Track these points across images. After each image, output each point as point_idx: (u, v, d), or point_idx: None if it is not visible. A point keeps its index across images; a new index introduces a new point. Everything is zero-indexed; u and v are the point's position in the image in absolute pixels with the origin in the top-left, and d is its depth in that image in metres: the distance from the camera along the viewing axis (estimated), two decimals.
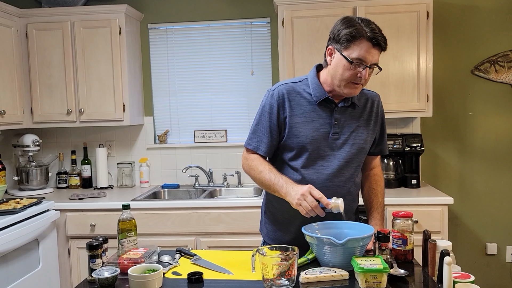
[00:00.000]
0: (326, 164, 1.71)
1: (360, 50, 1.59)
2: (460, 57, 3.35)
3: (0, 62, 2.98)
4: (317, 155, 1.71)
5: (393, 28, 3.00)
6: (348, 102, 1.73)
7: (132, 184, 3.57)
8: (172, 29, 3.57)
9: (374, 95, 1.85)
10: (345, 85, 1.65)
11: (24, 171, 3.34)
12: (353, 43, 1.60)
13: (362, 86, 1.68)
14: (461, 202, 3.40)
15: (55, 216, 2.86)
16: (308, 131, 1.70)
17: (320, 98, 1.71)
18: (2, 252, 2.39)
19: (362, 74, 1.62)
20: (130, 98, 3.27)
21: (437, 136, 3.42)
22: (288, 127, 1.72)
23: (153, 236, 2.88)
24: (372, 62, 1.62)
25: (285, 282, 1.36)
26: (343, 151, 1.72)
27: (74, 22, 3.20)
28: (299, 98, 1.73)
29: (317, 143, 1.71)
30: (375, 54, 1.61)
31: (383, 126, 1.87)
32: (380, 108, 1.85)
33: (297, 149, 1.72)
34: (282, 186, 1.63)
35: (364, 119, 1.78)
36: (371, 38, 1.58)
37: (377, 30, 1.61)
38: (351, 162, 1.74)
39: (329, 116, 1.72)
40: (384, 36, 1.63)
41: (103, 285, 1.41)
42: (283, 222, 1.80)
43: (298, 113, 1.72)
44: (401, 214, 1.61)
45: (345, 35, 1.61)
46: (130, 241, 1.67)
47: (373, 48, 1.60)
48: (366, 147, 1.79)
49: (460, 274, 1.40)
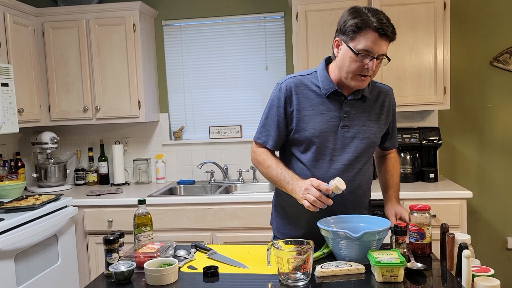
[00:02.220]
0: (336, 158, 1.69)
1: (367, 41, 1.55)
2: (478, 48, 3.29)
3: (18, 61, 3.02)
4: (326, 149, 1.69)
5: (409, 20, 2.95)
6: (358, 95, 1.70)
7: (149, 180, 3.59)
8: (186, 25, 3.58)
9: (387, 88, 1.82)
10: (352, 77, 1.62)
11: (43, 168, 3.40)
12: (359, 34, 1.56)
13: (370, 78, 1.64)
14: (480, 196, 3.34)
15: (73, 212, 2.89)
16: (317, 124, 1.68)
17: (329, 90, 1.68)
18: (22, 247, 2.44)
19: (369, 65, 1.58)
20: (145, 95, 3.29)
21: (455, 129, 3.36)
22: (296, 121, 1.70)
23: (170, 232, 2.90)
24: (379, 53, 1.58)
25: (300, 276, 1.35)
26: (353, 145, 1.70)
27: (89, 20, 3.23)
28: (307, 91, 1.71)
29: (326, 136, 1.68)
30: (382, 45, 1.57)
31: (394, 120, 1.85)
32: (392, 102, 1.82)
33: (306, 143, 1.70)
34: (288, 182, 1.62)
35: (376, 112, 1.75)
36: (377, 28, 1.53)
37: (385, 19, 1.56)
38: (361, 156, 1.72)
39: (339, 109, 1.69)
40: (393, 25, 1.58)
41: (120, 279, 1.42)
42: (293, 216, 1.79)
43: (306, 106, 1.70)
44: (418, 208, 1.59)
45: (350, 26, 1.57)
46: (146, 235, 1.68)
47: (380, 38, 1.55)
48: (376, 141, 1.77)
49: (479, 268, 1.37)
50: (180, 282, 1.42)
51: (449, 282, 1.36)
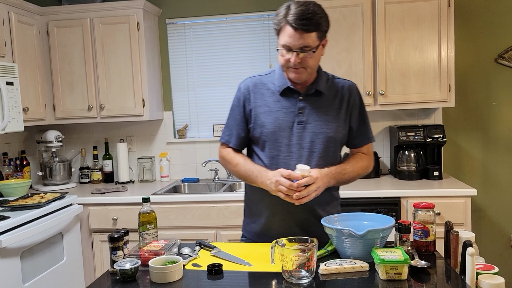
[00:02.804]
0: (292, 154, 1.71)
1: (284, 36, 1.62)
2: (483, 46, 3.27)
3: (23, 60, 3.04)
4: (281, 145, 1.71)
5: (414, 17, 2.94)
6: (312, 89, 1.73)
7: (153, 178, 3.60)
8: (189, 23, 3.58)
9: (348, 83, 1.81)
10: (286, 70, 1.69)
11: (48, 166, 3.41)
12: (280, 30, 1.64)
13: (306, 70, 1.66)
14: (485, 194, 3.33)
15: (78, 210, 2.91)
16: (271, 120, 1.72)
17: (282, 87, 1.73)
18: (27, 245, 2.45)
19: (291, 59, 1.62)
20: (149, 93, 3.30)
21: (460, 127, 3.35)
22: (253, 118, 1.76)
23: (174, 230, 2.91)
24: (299, 46, 1.61)
25: (304, 274, 1.36)
26: (309, 140, 1.71)
27: (93, 19, 3.24)
28: (264, 90, 1.77)
29: (281, 132, 1.71)
30: (299, 38, 1.59)
31: (361, 116, 1.82)
32: (354, 97, 1.80)
33: (262, 139, 1.74)
34: (257, 176, 1.67)
35: (335, 108, 1.75)
36: (290, 23, 1.59)
37: (304, 12, 1.58)
38: (319, 151, 1.71)
39: (294, 106, 1.73)
40: (312, 17, 1.58)
41: (125, 276, 1.43)
42: (255, 213, 1.82)
43: (262, 103, 1.75)
44: (422, 205, 1.59)
45: (273, 25, 1.68)
46: (151, 233, 1.69)
47: (296, 32, 1.59)
48: (335, 137, 1.74)
49: (484, 266, 1.37)
50: (184, 279, 1.43)
51: (453, 280, 1.36)
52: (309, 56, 1.64)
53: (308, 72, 1.68)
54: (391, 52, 2.98)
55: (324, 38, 1.68)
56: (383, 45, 2.98)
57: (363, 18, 2.99)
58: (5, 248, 2.27)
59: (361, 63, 3.02)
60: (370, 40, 3.00)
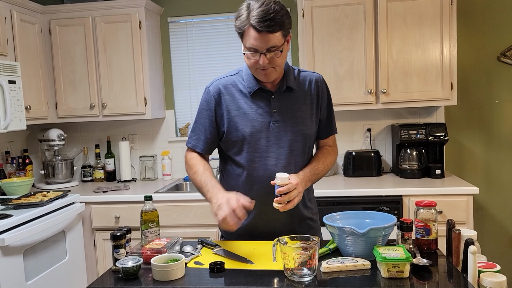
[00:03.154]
0: (271, 154, 1.69)
1: (249, 39, 1.57)
2: (485, 44, 3.27)
3: (25, 59, 3.05)
4: (260, 146, 1.69)
5: (416, 15, 2.94)
6: (283, 87, 1.71)
7: (155, 177, 3.61)
8: (191, 22, 3.58)
9: (314, 76, 1.80)
10: (255, 72, 1.66)
11: (50, 165, 3.42)
12: (243, 34, 1.59)
13: (275, 69, 1.64)
14: (487, 192, 3.33)
15: (80, 208, 2.92)
16: (247, 123, 1.69)
17: (253, 89, 1.70)
18: (30, 243, 2.46)
19: (260, 61, 1.59)
20: (151, 92, 3.30)
21: (462, 125, 3.34)
22: (227, 122, 1.71)
23: (176, 228, 2.91)
24: (266, 48, 1.57)
25: (306, 272, 1.36)
26: (287, 139, 1.70)
27: (95, 17, 3.24)
28: (235, 91, 1.73)
29: (258, 134, 1.69)
30: (265, 40, 1.55)
31: (329, 108, 1.81)
32: (321, 89, 1.78)
33: (239, 143, 1.70)
34: (208, 190, 1.63)
35: (307, 102, 1.75)
36: (254, 26, 1.54)
37: (264, 13, 1.53)
38: (298, 149, 1.71)
39: (268, 105, 1.70)
40: (275, 17, 1.53)
41: (127, 274, 1.43)
42: None
43: (236, 106, 1.71)
44: (424, 203, 1.58)
45: (236, 28, 1.61)
46: (153, 231, 1.69)
47: (260, 34, 1.55)
48: (310, 132, 1.75)
49: (486, 264, 1.37)
50: (186, 277, 1.43)
51: (455, 278, 1.36)
52: (277, 56, 1.61)
53: (277, 71, 1.66)
54: (393, 51, 2.98)
55: (288, 34, 1.65)
56: (385, 44, 2.98)
57: (365, 16, 2.99)
58: (8, 246, 2.28)
59: (363, 61, 3.02)
60: (372, 38, 3.00)
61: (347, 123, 3.44)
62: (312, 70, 3.04)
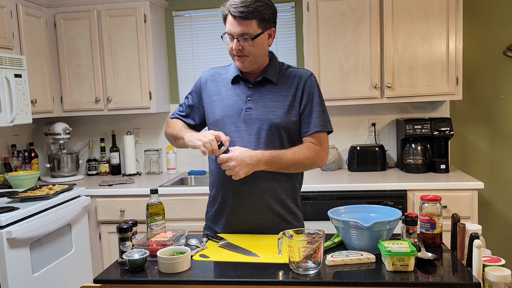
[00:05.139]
0: (238, 140, 1.74)
1: (227, 24, 1.71)
2: (491, 38, 3.25)
3: (30, 52, 3.06)
4: (230, 131, 1.76)
5: (421, 9, 2.92)
6: (259, 77, 1.78)
7: (160, 171, 3.62)
8: (196, 16, 3.58)
9: (302, 72, 1.82)
10: (233, 58, 1.77)
11: (56, 158, 3.44)
12: (225, 20, 1.72)
13: (248, 57, 1.72)
14: (492, 187, 3.32)
15: (86, 201, 2.93)
16: (222, 107, 1.80)
17: (232, 76, 1.81)
18: (36, 236, 2.48)
19: (233, 46, 1.71)
20: (156, 86, 3.31)
21: (467, 120, 3.33)
22: (207, 105, 1.85)
23: (181, 221, 2.93)
24: (239, 33, 1.68)
25: (311, 265, 1.37)
26: (255, 126, 1.74)
27: (100, 11, 3.24)
28: (220, 79, 1.86)
29: (230, 118, 1.77)
30: (238, 25, 1.67)
31: (311, 104, 1.79)
32: (307, 86, 1.79)
33: (214, 125, 1.81)
34: (185, 134, 1.77)
35: (283, 95, 1.77)
36: (230, 11, 1.67)
37: (242, 0, 1.65)
38: (264, 138, 1.73)
39: (243, 93, 1.79)
40: (250, 5, 1.65)
41: (133, 267, 1.44)
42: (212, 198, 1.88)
43: (216, 91, 1.84)
44: (429, 198, 1.59)
45: (221, 15, 1.74)
46: (159, 224, 1.71)
47: (234, 20, 1.67)
48: (281, 123, 1.74)
49: (490, 258, 1.38)
50: (192, 270, 1.45)
51: (459, 272, 1.36)
52: (248, 44, 1.69)
53: (250, 60, 1.73)
54: (398, 45, 2.97)
55: (269, 27, 1.73)
56: (390, 38, 2.97)
57: (370, 10, 2.98)
58: (14, 239, 2.30)
59: (368, 55, 3.01)
60: (377, 33, 2.99)
61: (351, 117, 3.44)
62: (317, 64, 3.06)
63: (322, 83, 3.06)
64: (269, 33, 1.74)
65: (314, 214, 2.80)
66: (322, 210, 2.76)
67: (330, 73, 3.06)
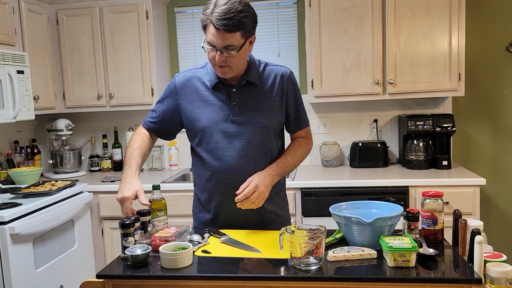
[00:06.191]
0: (229, 146, 1.73)
1: (208, 34, 1.61)
2: (494, 34, 3.24)
3: (33, 49, 3.06)
4: (218, 138, 1.73)
5: (424, 5, 2.92)
6: (243, 81, 1.74)
7: (162, 167, 3.63)
8: (198, 12, 3.57)
9: (280, 70, 1.81)
10: (214, 67, 1.70)
11: (58, 154, 3.45)
12: (205, 28, 1.62)
13: (230, 67, 1.66)
14: (494, 184, 3.32)
15: (88, 197, 2.94)
16: (207, 114, 1.74)
17: (214, 82, 1.75)
18: (39, 231, 2.49)
19: (216, 57, 1.63)
20: (158, 82, 3.31)
21: (470, 116, 3.33)
22: (188, 113, 1.77)
23: (183, 217, 2.92)
24: (223, 45, 1.60)
25: (312, 261, 1.37)
26: (245, 131, 1.73)
27: (102, 8, 3.24)
28: (199, 84, 1.78)
29: (217, 125, 1.73)
30: (222, 38, 1.58)
31: (296, 101, 1.82)
32: (287, 83, 1.79)
33: (199, 134, 1.76)
34: (124, 171, 1.74)
35: (268, 96, 1.77)
36: (213, 22, 1.57)
37: (226, 11, 1.55)
38: (256, 141, 1.74)
39: (228, 98, 1.75)
40: (234, 17, 1.55)
41: (136, 262, 1.45)
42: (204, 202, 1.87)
43: (197, 98, 1.77)
44: (431, 194, 1.59)
45: (200, 21, 1.64)
46: (161, 220, 1.71)
47: (218, 31, 1.58)
48: (270, 125, 1.76)
49: (492, 254, 1.38)
50: (194, 265, 1.45)
51: (461, 268, 1.37)
52: (232, 55, 1.63)
53: (233, 70, 1.68)
54: (400, 41, 2.96)
55: (250, 36, 1.67)
56: (392, 34, 2.96)
57: (372, 6, 2.97)
58: (18, 234, 2.31)
59: (371, 52, 3.01)
60: (379, 29, 2.98)
61: (353, 113, 3.44)
62: (319, 60, 3.05)
63: (324, 79, 3.06)
64: (250, 40, 1.69)
65: (316, 210, 2.81)
66: (323, 206, 2.78)
67: (332, 70, 3.05)
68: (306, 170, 3.28)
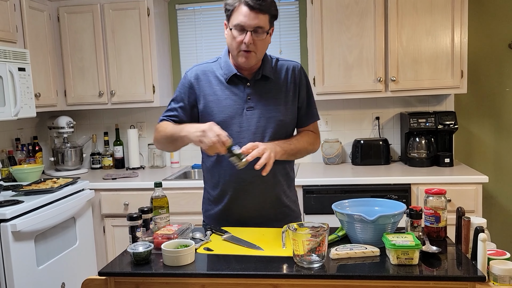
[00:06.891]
0: (243, 140, 1.71)
1: (238, 16, 1.62)
2: (496, 31, 3.23)
3: (34, 46, 3.05)
4: (232, 132, 1.71)
5: (426, 2, 2.90)
6: (259, 75, 1.74)
7: (163, 164, 3.63)
8: (199, 9, 3.57)
9: (291, 64, 1.82)
10: (237, 54, 1.68)
11: (60, 152, 3.45)
12: (233, 11, 1.64)
13: (255, 54, 1.67)
14: (496, 181, 3.31)
15: (90, 195, 2.94)
16: (221, 108, 1.73)
17: (229, 75, 1.74)
18: (41, 229, 2.49)
19: (245, 39, 1.62)
20: (159, 79, 3.30)
21: (472, 114, 3.32)
22: (202, 107, 1.76)
23: (185, 215, 2.93)
24: (253, 26, 1.61)
25: (315, 258, 1.37)
26: (259, 125, 1.73)
27: (103, 5, 3.23)
28: (212, 78, 1.77)
29: (232, 119, 1.73)
30: (254, 18, 1.61)
31: (308, 95, 1.83)
32: (299, 77, 1.80)
33: None
34: (182, 129, 1.67)
35: (283, 90, 1.77)
36: (246, 2, 1.60)
37: None
38: (270, 136, 1.73)
39: (242, 92, 1.75)
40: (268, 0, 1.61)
41: (138, 259, 1.45)
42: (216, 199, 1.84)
43: (211, 92, 1.76)
44: (434, 191, 1.58)
45: (226, 6, 1.66)
46: (163, 218, 1.71)
47: (251, 12, 1.60)
48: (285, 119, 1.77)
49: (495, 251, 1.37)
50: (196, 263, 1.45)
51: (464, 265, 1.36)
52: (261, 38, 1.65)
53: (257, 57, 1.69)
54: (403, 38, 2.95)
55: (272, 25, 1.70)
56: (395, 31, 2.95)
57: (375, 3, 2.96)
58: (19, 232, 2.31)
59: (373, 49, 3.00)
60: (382, 26, 2.97)
61: (355, 111, 3.43)
62: (321, 57, 3.05)
63: (326, 76, 3.05)
64: (271, 30, 1.71)
65: (318, 207, 2.81)
66: (326, 203, 2.77)
67: (334, 67, 3.04)
68: (308, 167, 3.28)
